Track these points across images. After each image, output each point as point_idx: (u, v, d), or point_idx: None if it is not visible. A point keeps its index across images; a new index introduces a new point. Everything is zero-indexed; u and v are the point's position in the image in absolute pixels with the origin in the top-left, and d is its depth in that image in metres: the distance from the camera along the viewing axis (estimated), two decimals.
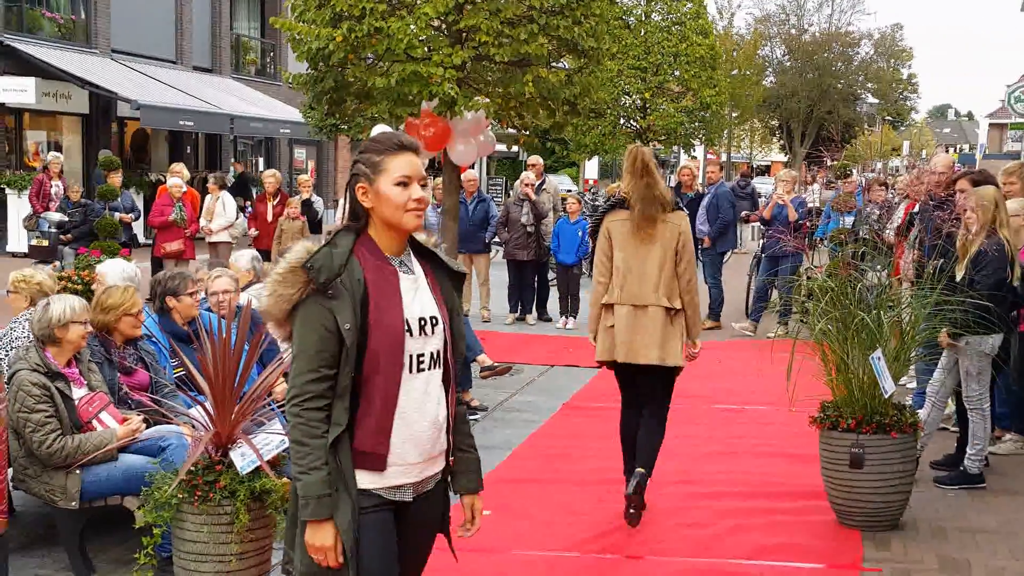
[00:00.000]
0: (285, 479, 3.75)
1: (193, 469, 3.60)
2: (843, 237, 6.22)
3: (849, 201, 10.07)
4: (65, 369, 4.24)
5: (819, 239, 10.12)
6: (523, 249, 10.74)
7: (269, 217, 11.16)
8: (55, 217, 11.65)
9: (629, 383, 4.93)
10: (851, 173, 11.38)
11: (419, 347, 2.43)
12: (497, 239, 11.26)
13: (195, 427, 3.95)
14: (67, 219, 11.33)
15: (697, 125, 23.73)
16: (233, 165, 21.35)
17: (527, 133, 10.27)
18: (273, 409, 4.31)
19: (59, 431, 4.08)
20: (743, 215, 13.27)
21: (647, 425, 4.86)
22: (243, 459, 3.62)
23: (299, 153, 25.84)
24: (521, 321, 10.94)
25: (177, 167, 12.35)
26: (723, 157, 40.82)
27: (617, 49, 19.88)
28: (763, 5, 64.71)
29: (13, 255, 15.60)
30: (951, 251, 5.34)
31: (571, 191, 19.94)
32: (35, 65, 17.16)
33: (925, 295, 4.93)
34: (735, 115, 38.50)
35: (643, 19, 23.28)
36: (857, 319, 4.67)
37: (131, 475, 4.10)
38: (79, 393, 4.26)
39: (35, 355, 4.17)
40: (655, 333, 4.69)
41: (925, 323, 4.95)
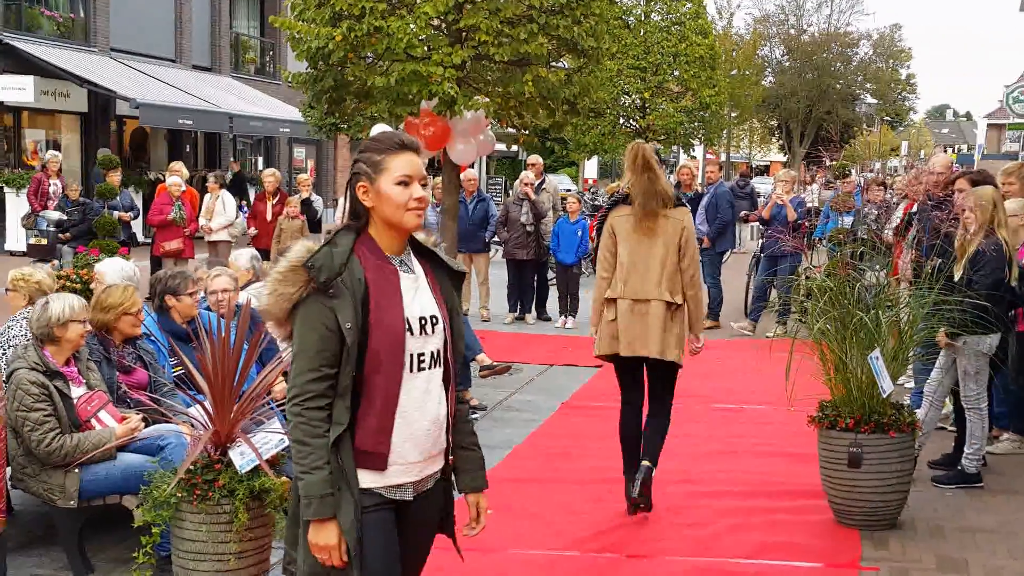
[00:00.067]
0: (284, 478, 3.75)
1: (192, 468, 3.60)
2: (842, 237, 6.22)
3: (848, 201, 10.09)
4: (64, 368, 4.24)
5: (818, 239, 10.12)
6: (522, 248, 10.74)
7: (268, 216, 11.15)
8: (54, 216, 11.65)
9: (629, 379, 4.94)
10: (850, 173, 11.38)
11: (419, 346, 2.43)
12: (496, 238, 11.26)
13: (194, 426, 3.95)
14: (66, 218, 11.33)
15: (696, 125, 23.75)
16: (230, 164, 21.35)
17: (527, 132, 10.27)
18: (272, 408, 4.31)
19: (58, 430, 4.08)
20: (742, 215, 13.27)
21: (652, 420, 4.90)
22: (242, 458, 3.62)
23: (298, 152, 25.85)
24: (520, 320, 10.94)
25: (176, 166, 12.35)
26: (722, 157, 40.81)
27: (617, 49, 19.88)
28: (762, 5, 64.81)
29: (11, 254, 15.60)
30: (949, 251, 5.35)
31: (570, 191, 19.95)
32: (34, 63, 17.14)
33: (923, 295, 4.93)
34: (734, 115, 38.52)
35: (643, 19, 23.29)
36: (855, 319, 4.68)
37: (130, 474, 4.10)
38: (78, 392, 4.26)
39: (34, 354, 4.17)
40: (656, 327, 4.71)
41: (923, 323, 4.96)
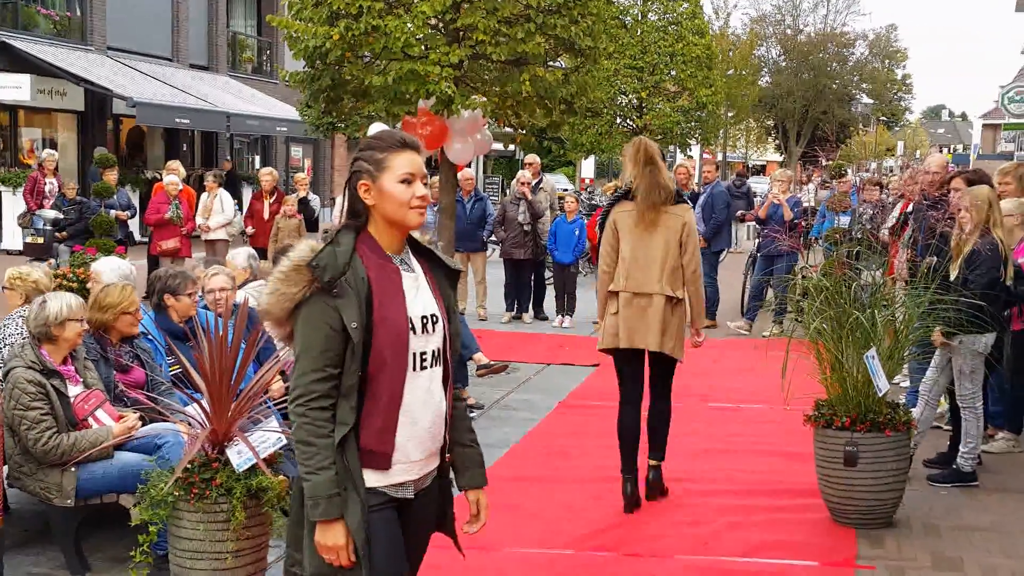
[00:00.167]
0: (282, 477, 3.75)
1: (189, 467, 3.60)
2: (838, 236, 6.24)
3: (844, 201, 10.11)
4: (61, 367, 4.24)
5: (814, 238, 10.14)
6: (520, 248, 10.74)
7: (266, 215, 11.13)
8: (50, 215, 11.62)
9: (629, 374, 4.97)
10: (846, 173, 11.41)
11: (422, 345, 2.43)
12: (494, 238, 11.26)
13: (191, 425, 3.95)
14: (62, 216, 11.31)
15: (693, 124, 23.75)
16: (223, 163, 21.31)
17: (524, 132, 10.29)
18: (269, 407, 4.31)
19: (55, 429, 4.08)
20: (739, 214, 13.29)
21: (654, 414, 5.01)
22: (239, 457, 3.62)
23: (296, 151, 25.83)
24: (517, 320, 10.94)
25: (173, 165, 12.34)
26: (719, 157, 40.83)
27: (614, 48, 19.88)
28: (759, 5, 64.92)
29: (8, 252, 15.58)
30: (945, 250, 5.36)
31: (567, 190, 19.94)
32: (30, 62, 17.11)
33: (919, 294, 4.95)
34: (731, 115, 38.57)
35: (639, 19, 23.30)
36: (852, 318, 4.69)
37: (127, 473, 4.10)
38: (75, 391, 4.26)
39: (31, 352, 4.17)
40: (656, 321, 4.77)
41: (919, 322, 4.98)
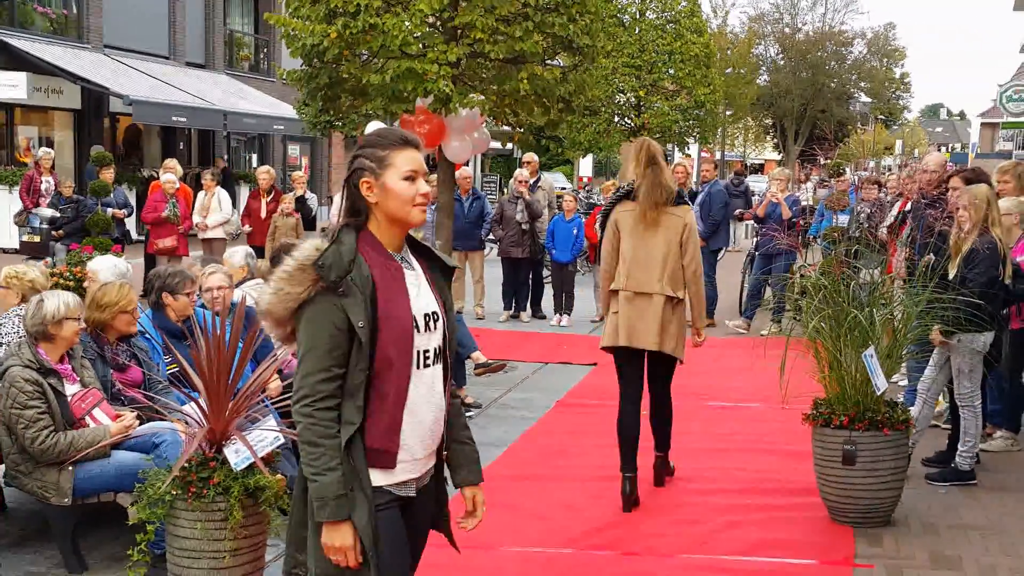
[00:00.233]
0: (279, 475, 3.75)
1: (187, 466, 3.59)
2: (836, 235, 6.23)
3: (842, 199, 10.11)
4: (58, 365, 4.23)
5: (812, 237, 10.14)
6: (518, 247, 10.73)
7: (263, 214, 11.11)
8: (47, 213, 11.59)
9: (630, 372, 5.00)
10: (844, 172, 11.41)
11: (425, 343, 2.42)
12: (492, 236, 11.25)
13: (188, 423, 3.94)
14: (59, 215, 11.29)
15: (691, 123, 23.75)
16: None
17: (522, 130, 10.28)
18: (267, 405, 4.31)
19: (52, 427, 4.07)
20: (737, 213, 13.28)
21: (656, 412, 5.10)
22: (237, 456, 3.61)
23: (293, 149, 25.80)
24: (515, 318, 10.94)
25: (171, 163, 12.30)
26: (717, 155, 40.87)
27: (612, 47, 19.87)
28: (757, 4, 65.00)
29: (4, 251, 15.54)
30: (943, 248, 5.36)
31: (565, 189, 19.93)
32: (27, 60, 17.07)
33: (917, 293, 4.95)
34: (729, 113, 38.58)
35: (638, 17, 23.29)
36: (850, 317, 4.69)
37: (124, 472, 4.09)
38: (72, 389, 4.25)
39: (27, 351, 4.16)
40: (655, 321, 4.81)
41: (917, 321, 4.98)
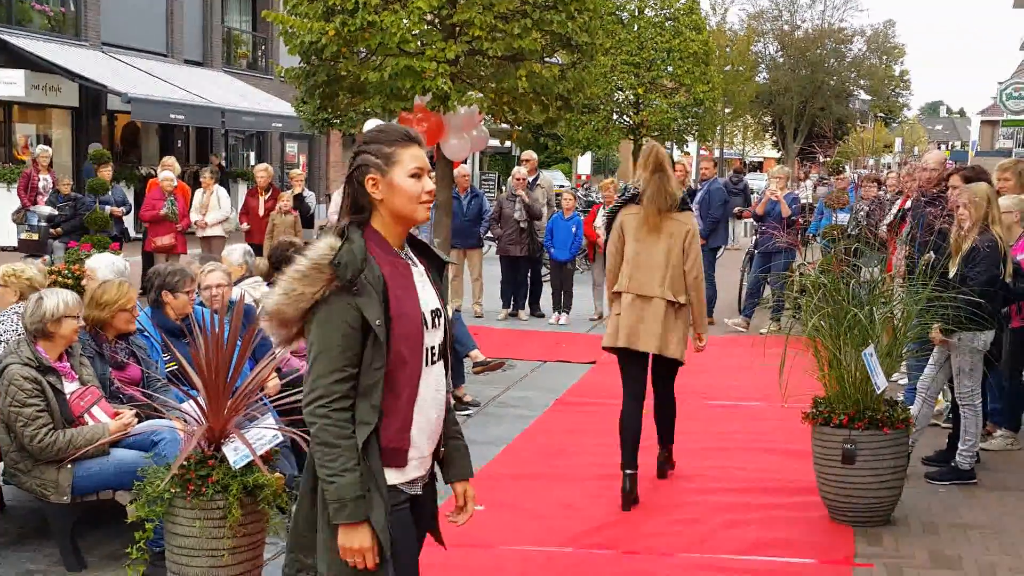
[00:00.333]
0: (278, 474, 3.74)
1: (185, 464, 3.58)
2: (836, 233, 6.23)
3: (842, 197, 10.11)
4: (57, 363, 4.22)
5: (812, 235, 10.14)
6: (516, 245, 10.72)
7: (261, 212, 11.10)
8: (45, 211, 11.58)
9: (633, 372, 5.04)
10: (844, 169, 11.40)
11: (431, 339, 2.41)
12: (490, 234, 11.24)
13: (187, 422, 3.93)
14: (57, 213, 11.28)
15: (690, 121, 23.78)
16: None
17: (520, 128, 10.26)
18: (265, 404, 4.30)
19: (50, 425, 4.06)
20: (736, 211, 13.28)
21: (659, 411, 5.20)
22: (236, 454, 3.61)
23: (291, 147, 25.78)
24: (514, 317, 10.93)
25: (169, 161, 12.28)
26: (716, 153, 40.86)
27: (610, 44, 19.87)
28: (756, 1, 64.75)
29: (2, 249, 15.52)
30: (943, 247, 5.35)
31: (563, 187, 19.91)
32: (24, 57, 17.04)
33: (917, 291, 4.94)
34: (728, 111, 38.56)
35: (636, 14, 23.29)
36: (850, 315, 4.68)
37: (123, 470, 4.08)
38: (71, 387, 4.24)
39: (26, 349, 4.15)
40: (656, 323, 4.86)
41: (917, 319, 4.97)
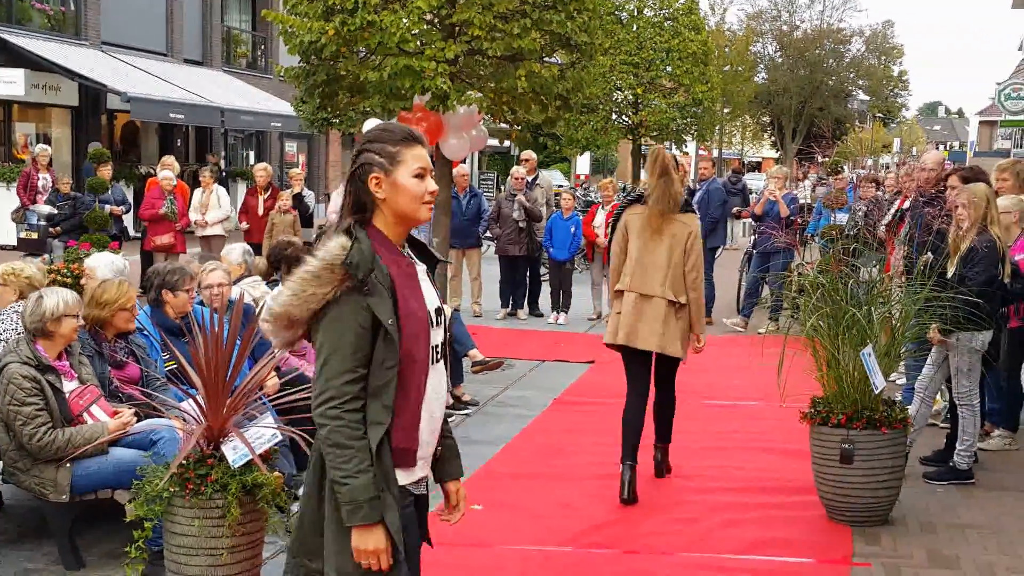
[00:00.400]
0: (277, 473, 3.74)
1: (184, 463, 3.59)
2: (834, 233, 6.25)
3: (840, 197, 10.12)
4: (56, 362, 4.22)
5: (810, 235, 10.15)
6: (515, 244, 10.73)
7: (260, 211, 11.10)
8: (44, 210, 11.57)
9: (636, 370, 5.12)
10: (842, 170, 11.41)
11: (436, 338, 2.41)
12: (489, 234, 11.24)
13: (186, 421, 3.94)
14: (56, 212, 11.28)
15: (689, 121, 23.77)
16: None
17: (519, 128, 10.26)
18: (264, 403, 4.31)
19: (50, 424, 4.06)
20: (735, 211, 13.28)
21: (659, 408, 5.24)
22: (235, 453, 3.61)
23: (290, 147, 25.77)
24: (512, 316, 10.93)
25: (168, 160, 12.28)
26: (715, 153, 40.86)
27: (609, 44, 19.88)
28: (755, 1, 64.68)
29: (1, 248, 15.51)
30: (940, 247, 5.36)
31: (562, 187, 19.92)
32: (24, 57, 17.03)
33: (916, 291, 4.95)
34: (727, 111, 38.56)
35: (635, 14, 23.29)
36: (848, 315, 4.69)
37: (122, 469, 4.08)
38: (70, 386, 4.25)
39: (26, 348, 4.15)
40: (657, 322, 4.93)
41: (915, 319, 4.98)
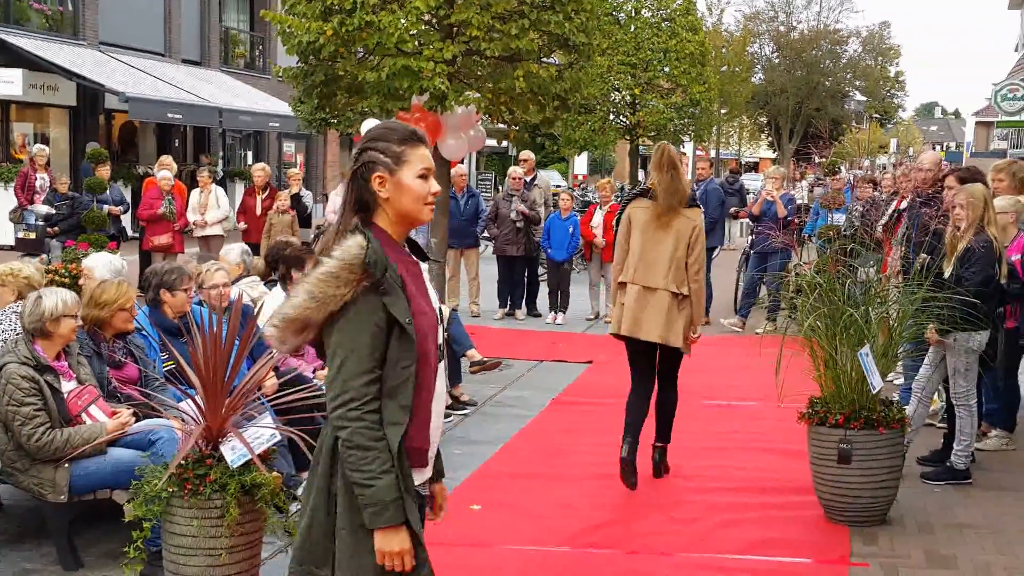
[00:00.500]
0: (276, 473, 3.75)
1: (183, 463, 3.58)
2: (832, 234, 6.26)
3: (838, 198, 10.14)
4: (54, 362, 4.22)
5: (807, 235, 10.16)
6: (513, 244, 10.73)
7: (258, 211, 11.10)
8: (42, 210, 11.57)
9: (640, 361, 5.22)
10: (839, 170, 11.43)
11: (440, 336, 2.41)
12: (487, 234, 11.24)
13: (185, 421, 3.94)
14: (54, 212, 11.27)
15: (686, 121, 23.77)
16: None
17: (517, 128, 10.27)
18: (263, 403, 4.31)
19: (48, 424, 4.06)
20: (732, 211, 13.30)
21: (660, 402, 5.29)
22: (233, 453, 3.61)
23: (288, 147, 25.75)
24: (510, 316, 10.94)
25: (166, 160, 12.27)
26: (712, 153, 40.87)
27: (607, 45, 19.85)
28: (752, 2, 64.77)
29: (0, 247, 15.50)
30: (938, 247, 5.37)
31: (560, 187, 19.92)
32: (22, 56, 17.01)
33: (913, 291, 4.96)
34: (724, 112, 38.59)
35: (633, 15, 23.29)
36: (845, 315, 4.70)
37: (120, 469, 4.08)
38: (68, 386, 4.25)
39: (24, 348, 4.15)
40: (660, 314, 5.02)
41: (913, 319, 4.99)
